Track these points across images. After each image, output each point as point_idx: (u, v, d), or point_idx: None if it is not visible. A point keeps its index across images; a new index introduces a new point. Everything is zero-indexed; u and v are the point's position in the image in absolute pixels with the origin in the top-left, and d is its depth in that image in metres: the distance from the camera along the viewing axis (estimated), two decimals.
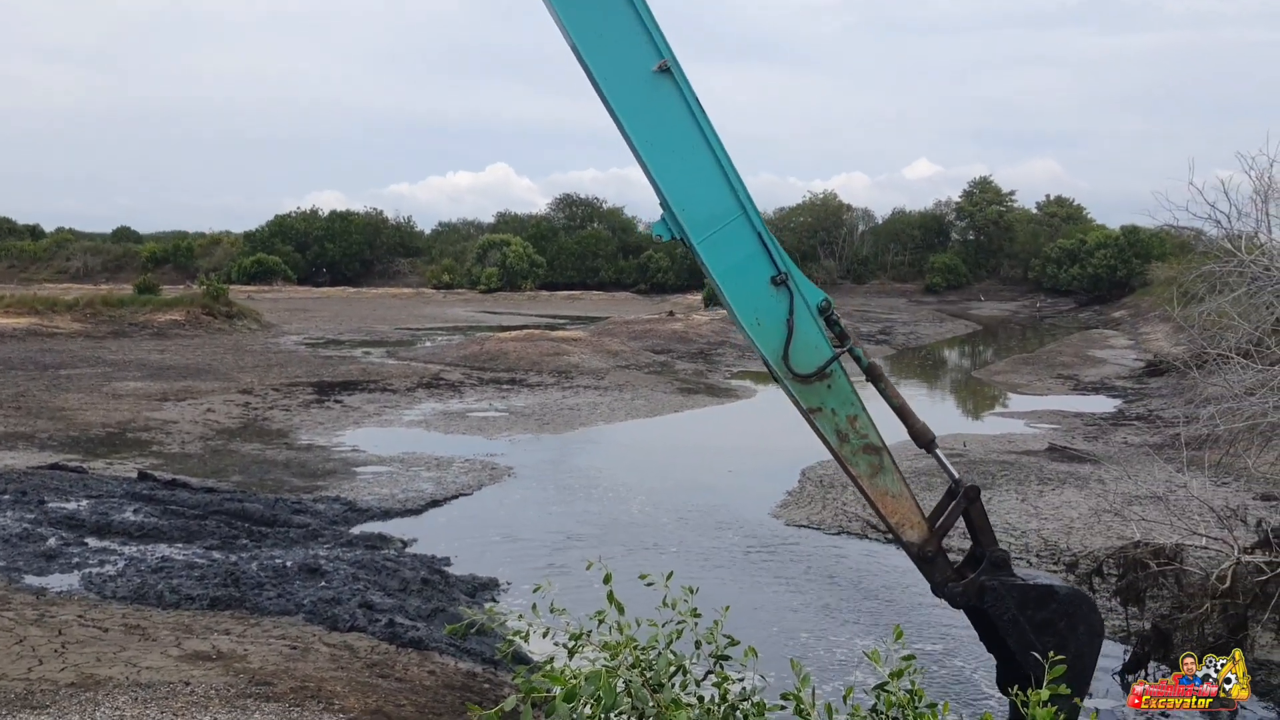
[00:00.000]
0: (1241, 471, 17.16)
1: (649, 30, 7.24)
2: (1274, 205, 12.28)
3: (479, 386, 33.60)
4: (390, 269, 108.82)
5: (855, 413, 7.79)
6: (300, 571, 12.92)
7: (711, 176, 7.52)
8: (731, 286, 7.63)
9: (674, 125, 7.41)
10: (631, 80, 7.32)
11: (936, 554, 8.04)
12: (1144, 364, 40.49)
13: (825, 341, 7.72)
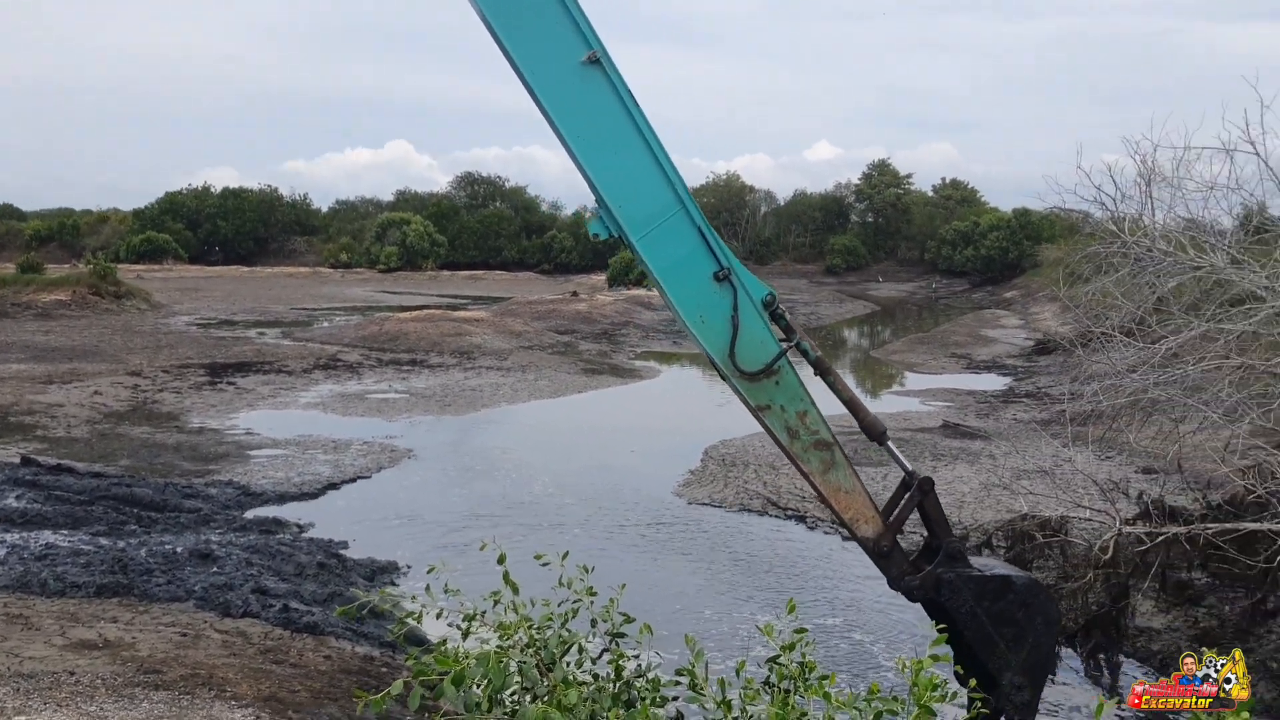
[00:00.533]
0: (1124, 446, 17.80)
1: (575, 20, 6.91)
2: (1157, 188, 12.69)
3: (378, 368, 33.09)
4: (286, 248, 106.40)
5: (805, 408, 7.61)
6: (191, 557, 12.59)
7: (647, 171, 7.23)
8: (673, 284, 7.37)
9: (606, 119, 7.09)
10: (559, 73, 6.98)
11: (892, 548, 7.90)
12: (1033, 343, 41.74)
13: (771, 337, 7.52)
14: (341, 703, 8.43)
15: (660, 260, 7.35)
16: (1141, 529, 10.49)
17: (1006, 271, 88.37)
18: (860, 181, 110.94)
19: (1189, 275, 11.51)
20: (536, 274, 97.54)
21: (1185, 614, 11.35)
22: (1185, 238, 11.97)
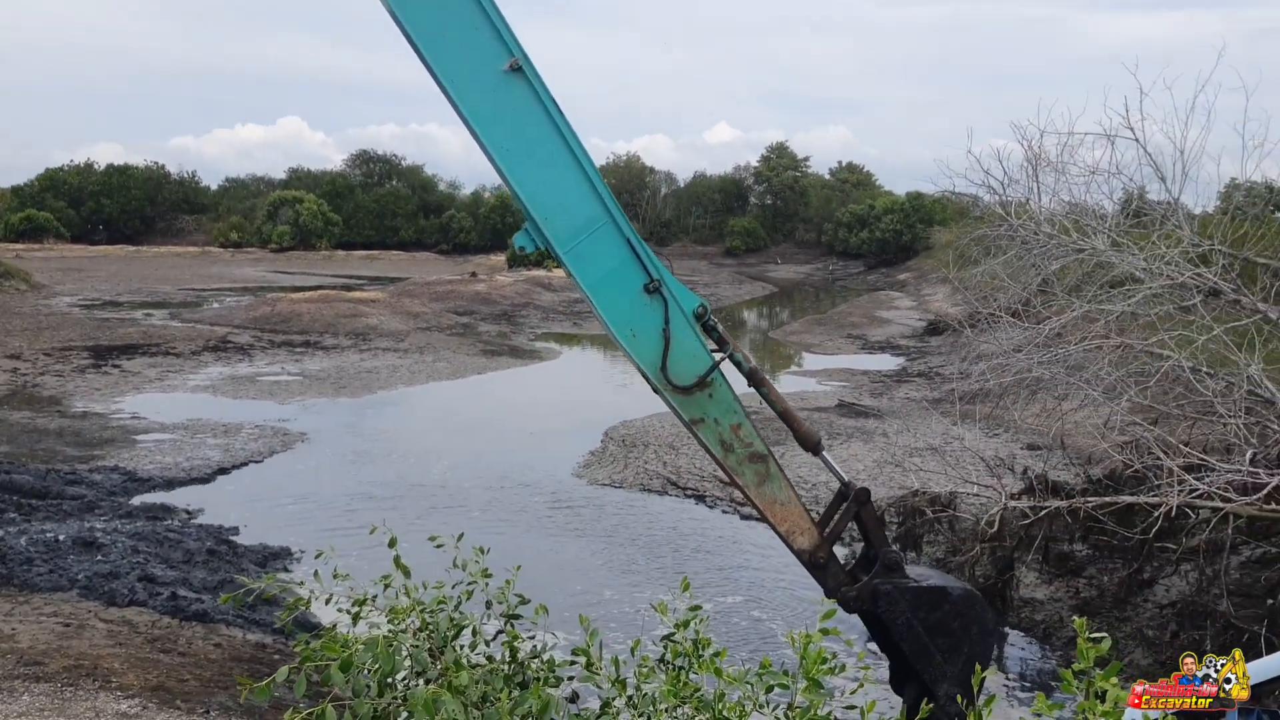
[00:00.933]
0: (1010, 423, 18.34)
1: (496, 25, 6.65)
2: (1043, 173, 13.06)
3: (270, 350, 32.35)
4: (174, 227, 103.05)
5: (739, 421, 7.51)
6: (74, 545, 12.16)
7: (574, 182, 7.00)
8: (602, 298, 7.18)
9: (530, 128, 6.84)
10: (480, 82, 6.72)
11: (828, 560, 7.83)
12: (925, 324, 42.71)
13: (704, 349, 7.39)
14: (232, 691, 8.25)
15: (589, 274, 7.13)
16: (1026, 503, 10.83)
17: (900, 254, 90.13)
18: (759, 164, 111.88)
19: (1072, 258, 11.89)
20: (435, 254, 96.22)
21: (1067, 585, 11.77)
22: (1069, 221, 12.34)
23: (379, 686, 3.09)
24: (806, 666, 3.06)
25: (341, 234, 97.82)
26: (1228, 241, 11.29)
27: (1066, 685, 2.74)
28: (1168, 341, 10.56)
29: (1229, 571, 9.63)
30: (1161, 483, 9.26)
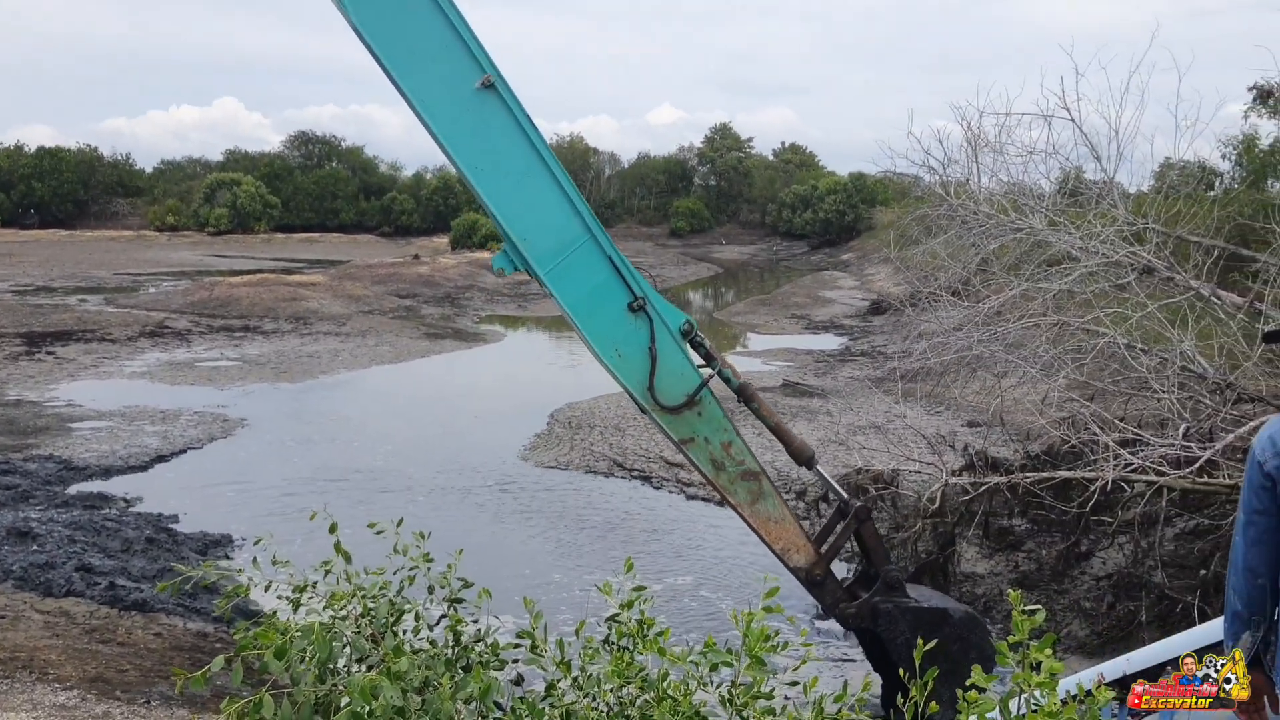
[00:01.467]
0: (951, 401, 18.60)
1: (466, 42, 6.45)
2: (982, 154, 13.22)
3: (208, 335, 31.84)
4: (108, 210, 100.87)
5: (729, 438, 7.37)
6: (9, 536, 11.90)
7: (551, 200, 6.81)
8: (585, 318, 7.00)
9: (504, 147, 6.65)
10: (453, 101, 6.51)
11: (825, 576, 7.70)
12: (868, 304, 43.12)
13: (692, 367, 7.22)
14: (173, 680, 8.13)
15: (571, 294, 6.95)
16: (966, 479, 10.99)
17: (843, 234, 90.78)
18: (703, 145, 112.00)
19: (1010, 237, 12.06)
20: (376, 237, 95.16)
21: (1007, 559, 11.96)
22: (1007, 201, 12.52)
23: (319, 674, 3.05)
24: (750, 644, 3.08)
25: (280, 217, 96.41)
26: (1161, 220, 11.51)
27: (1002, 658, 2.78)
28: (1103, 319, 10.75)
29: (1163, 543, 9.85)
30: (1098, 457, 9.44)
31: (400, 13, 6.41)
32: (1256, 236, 12.67)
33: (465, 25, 6.51)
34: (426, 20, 6.43)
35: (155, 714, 7.39)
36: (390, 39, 6.43)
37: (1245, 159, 25.54)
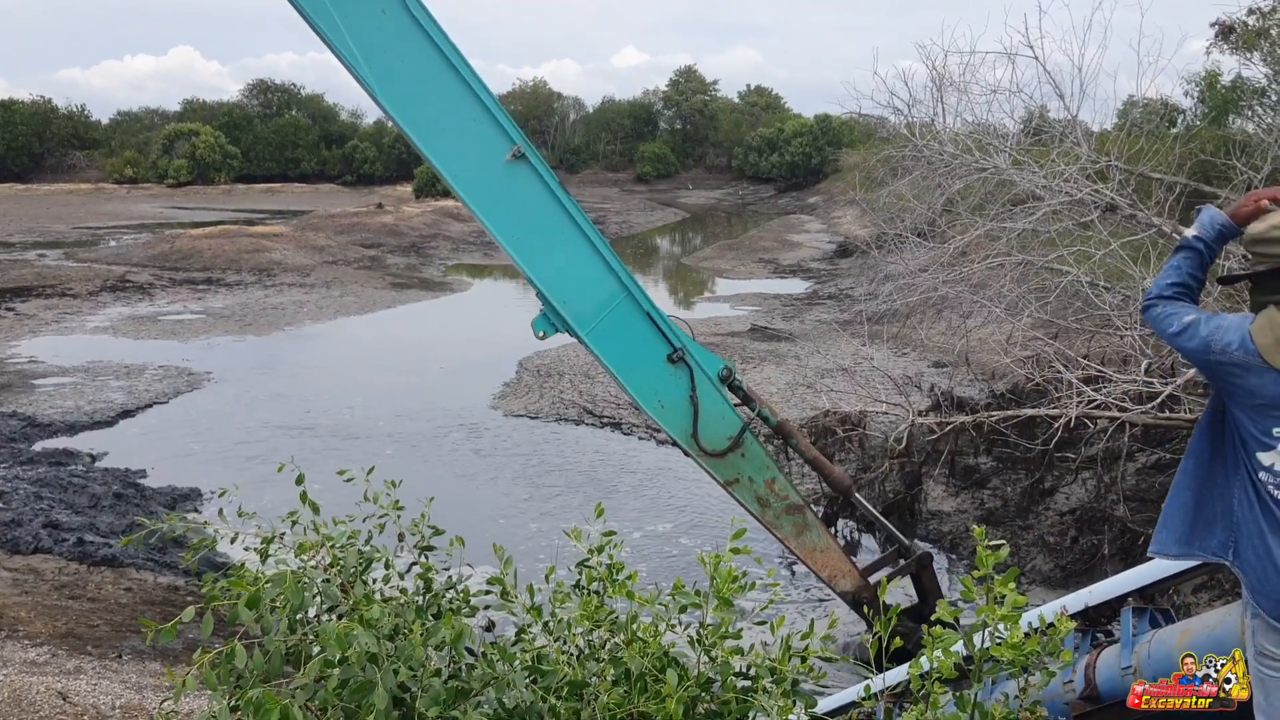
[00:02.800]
0: (917, 342, 18.72)
1: (496, 117, 6.55)
2: (947, 94, 13.17)
3: (171, 288, 31.46)
4: (64, 163, 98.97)
5: (773, 476, 7.45)
6: None
7: (587, 262, 6.86)
8: (628, 373, 7.07)
9: (538, 214, 6.72)
10: (486, 174, 6.61)
11: (872, 600, 7.75)
12: (835, 246, 43.18)
13: (733, 411, 7.29)
14: (144, 634, 8.14)
15: (612, 351, 7.04)
16: (933, 419, 11.08)
17: (810, 177, 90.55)
18: (668, 88, 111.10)
19: (975, 177, 12.05)
20: (338, 186, 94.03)
21: (972, 496, 12.13)
22: (972, 141, 12.50)
23: (289, 623, 3.05)
24: (718, 586, 3.10)
25: (241, 167, 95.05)
26: (1124, 158, 11.55)
27: (966, 592, 2.82)
28: (1067, 257, 10.81)
29: (1125, 478, 10.01)
30: (1061, 395, 9.55)
31: (430, 92, 6.46)
32: (1218, 173, 12.75)
33: (493, 99, 6.58)
34: (456, 98, 6.49)
35: (127, 668, 7.40)
36: (421, 118, 6.50)
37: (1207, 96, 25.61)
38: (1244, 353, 3.25)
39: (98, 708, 5.96)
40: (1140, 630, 4.36)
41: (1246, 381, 3.25)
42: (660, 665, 3.01)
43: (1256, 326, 3.28)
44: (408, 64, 6.36)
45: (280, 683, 2.90)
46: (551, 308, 6.92)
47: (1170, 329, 3.52)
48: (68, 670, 7.10)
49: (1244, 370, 3.25)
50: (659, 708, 2.90)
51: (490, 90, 6.60)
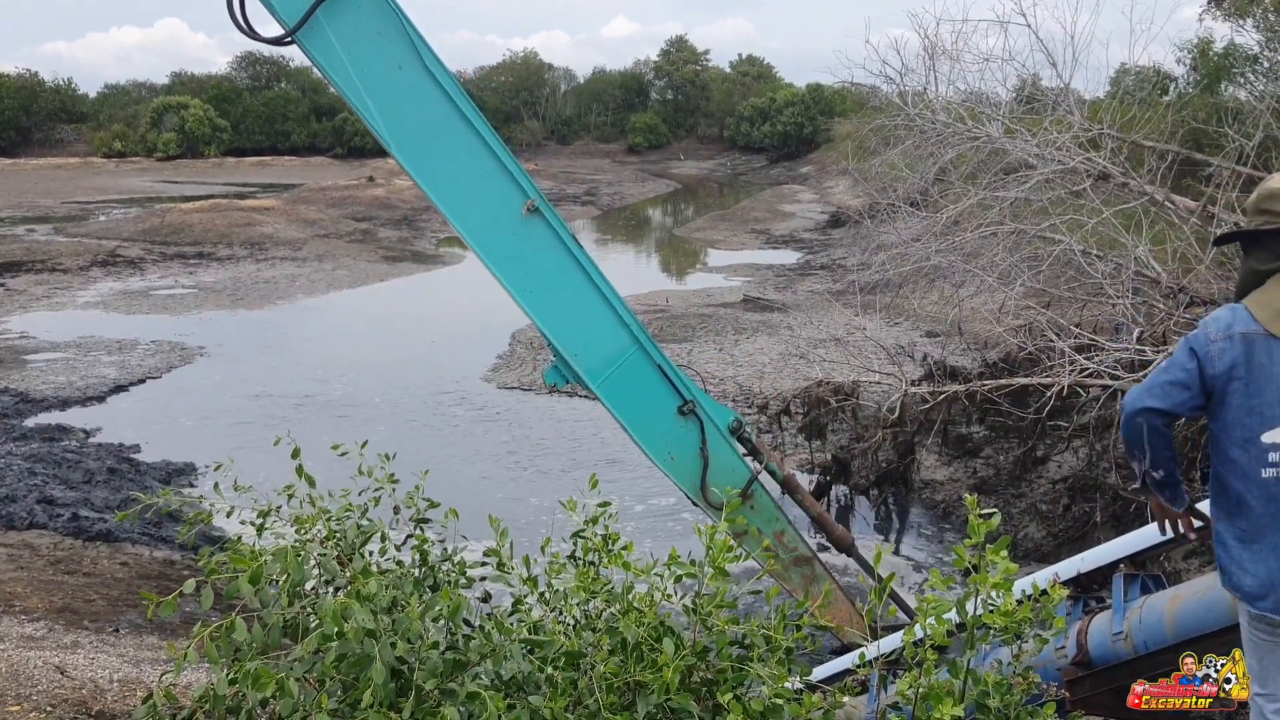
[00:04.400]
0: (910, 312, 18.75)
1: (510, 171, 6.51)
2: (939, 62, 13.13)
3: (162, 262, 31.34)
4: (52, 137, 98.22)
5: (781, 528, 7.41)
6: None
7: (599, 314, 6.85)
8: (638, 426, 7.04)
9: (551, 267, 6.70)
10: (501, 229, 6.59)
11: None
12: (827, 216, 43.09)
13: (742, 463, 7.25)
14: (141, 608, 8.15)
15: (622, 403, 7.01)
16: (925, 389, 11.12)
17: (802, 147, 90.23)
18: (659, 58, 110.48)
19: (967, 145, 12.05)
20: (329, 159, 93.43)
21: (965, 465, 12.18)
22: (964, 109, 12.48)
23: (288, 597, 3.07)
24: (713, 555, 3.12)
25: (230, 140, 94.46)
26: (1116, 126, 11.54)
27: (959, 560, 2.84)
28: (1059, 226, 10.82)
29: (1117, 446, 10.05)
30: (1054, 363, 9.57)
31: (445, 147, 6.44)
32: (1210, 140, 12.74)
33: (507, 153, 6.54)
34: (471, 153, 6.45)
35: (124, 642, 7.43)
36: (436, 173, 6.48)
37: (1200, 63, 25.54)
38: (1244, 326, 3.23)
39: (96, 681, 5.98)
40: (1132, 596, 4.40)
41: (1254, 355, 3.20)
42: (656, 635, 3.03)
43: (1253, 302, 3.26)
44: (423, 119, 6.35)
45: (277, 655, 2.92)
46: (563, 360, 6.94)
47: (1159, 375, 3.38)
48: (65, 645, 7.12)
49: (1247, 345, 3.21)
50: (655, 677, 2.92)
51: (504, 143, 6.59)
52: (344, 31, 6.06)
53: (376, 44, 6.14)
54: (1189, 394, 3.27)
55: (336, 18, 6.03)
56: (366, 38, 6.11)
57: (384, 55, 6.18)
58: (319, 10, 5.97)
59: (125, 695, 5.84)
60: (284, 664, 2.83)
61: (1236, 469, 3.28)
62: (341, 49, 6.08)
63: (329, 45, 6.06)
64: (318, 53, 6.09)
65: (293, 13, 6.00)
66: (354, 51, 6.11)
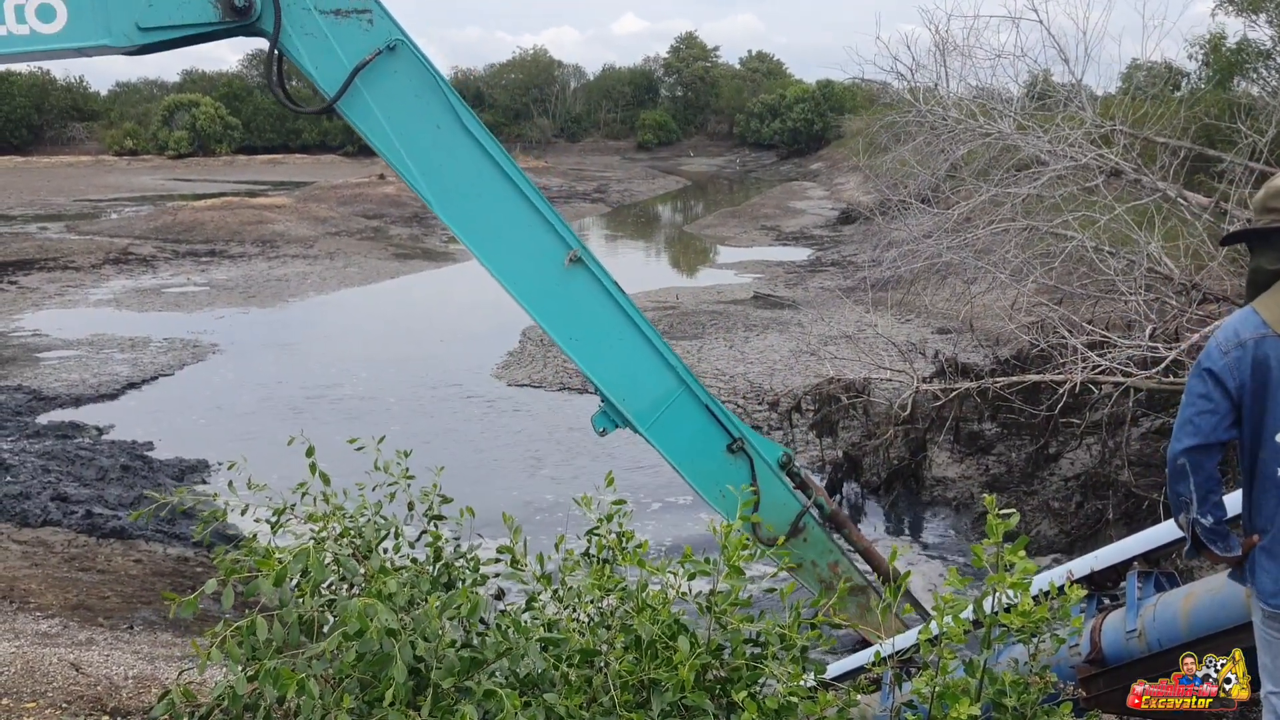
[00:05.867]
0: (921, 309, 18.71)
1: (552, 224, 6.57)
2: (950, 58, 13.10)
3: (174, 260, 31.44)
4: (64, 135, 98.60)
5: (835, 559, 7.43)
6: None
7: (645, 359, 6.92)
8: (689, 466, 7.09)
9: (596, 315, 6.80)
10: (545, 281, 6.68)
11: None
12: (838, 213, 43.00)
13: (793, 496, 7.29)
14: (155, 605, 8.20)
15: (672, 444, 7.07)
16: (937, 386, 11.10)
17: (812, 143, 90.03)
18: (668, 55, 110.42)
19: (979, 142, 12.01)
20: (340, 156, 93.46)
21: (977, 462, 12.15)
22: (976, 105, 12.44)
23: (308, 595, 3.08)
24: (728, 554, 3.13)
25: (241, 138, 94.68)
26: (1129, 122, 11.50)
27: (977, 560, 2.84)
28: (1071, 222, 10.78)
29: (1129, 443, 10.03)
30: (1066, 360, 9.55)
31: (487, 204, 6.51)
32: (1222, 137, 12.70)
33: (547, 205, 6.60)
34: (513, 208, 6.52)
35: (139, 639, 7.46)
36: (480, 230, 6.57)
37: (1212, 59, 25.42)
38: (1252, 331, 3.20)
39: (111, 678, 6.01)
40: (1145, 594, 4.38)
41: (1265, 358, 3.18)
42: (671, 633, 3.04)
43: (1261, 304, 3.24)
44: (463, 176, 6.44)
45: (296, 653, 2.93)
46: (611, 405, 6.97)
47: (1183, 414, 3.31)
48: (79, 642, 7.16)
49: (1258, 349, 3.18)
50: (670, 675, 2.93)
51: (544, 196, 6.65)
52: (382, 97, 6.21)
53: (414, 106, 6.27)
54: (1218, 416, 3.22)
55: (374, 85, 6.18)
56: (404, 101, 6.26)
57: (422, 117, 6.32)
58: (357, 78, 6.11)
59: (140, 692, 5.87)
60: (302, 662, 2.84)
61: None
62: (381, 113, 6.22)
63: (369, 111, 6.22)
64: (358, 119, 6.24)
65: (332, 82, 6.15)
66: (393, 115, 6.25)
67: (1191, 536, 3.37)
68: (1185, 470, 3.25)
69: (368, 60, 6.12)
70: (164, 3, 5.88)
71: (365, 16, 6.16)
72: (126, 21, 5.84)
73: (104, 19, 5.86)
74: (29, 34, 5.83)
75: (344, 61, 6.13)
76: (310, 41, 6.17)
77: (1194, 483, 3.25)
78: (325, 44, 6.16)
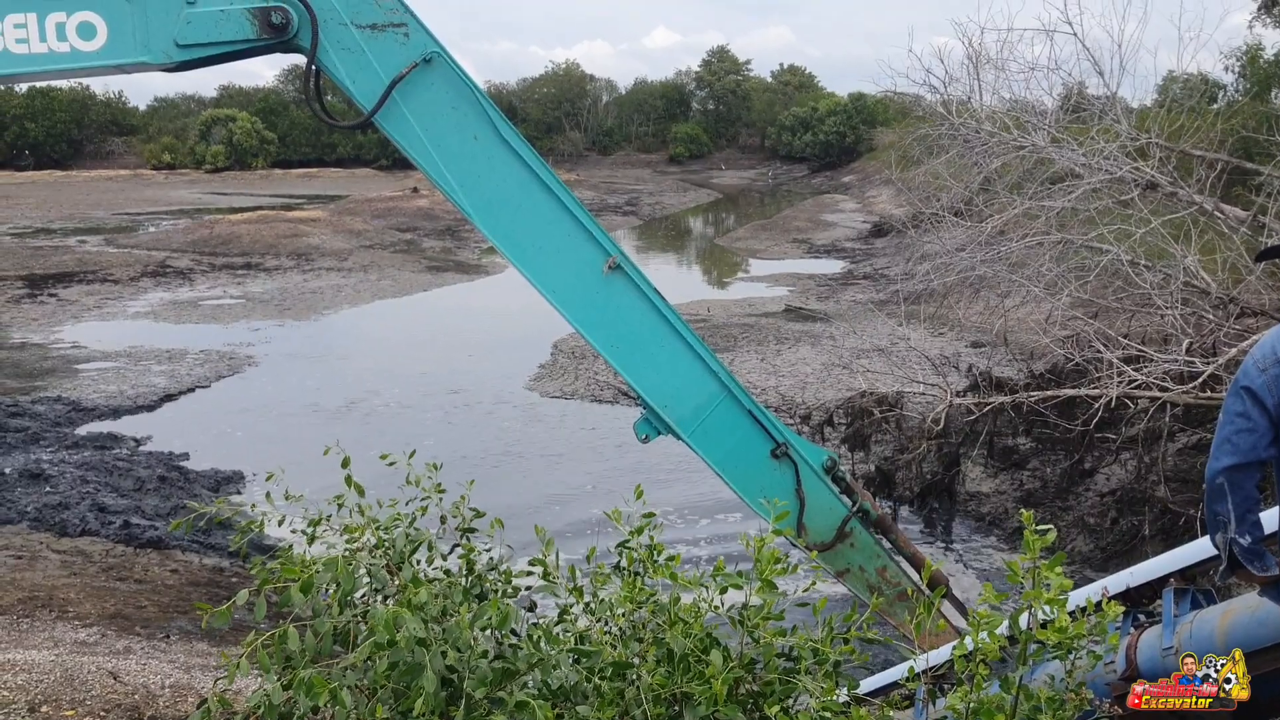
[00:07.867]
0: (954, 322, 18.59)
1: (590, 232, 6.55)
2: (983, 71, 13.04)
3: (211, 273, 31.79)
4: (103, 149, 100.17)
5: (884, 564, 7.33)
6: (21, 478, 12.05)
7: (686, 365, 6.86)
8: (733, 472, 7.02)
9: (636, 321, 6.75)
10: (586, 289, 6.64)
11: None
12: (870, 226, 42.85)
13: (839, 501, 7.19)
14: (191, 615, 8.27)
15: (715, 451, 6.99)
16: (971, 400, 11.03)
17: (844, 156, 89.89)
18: (700, 69, 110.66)
19: (1013, 155, 11.94)
20: (374, 170, 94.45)
21: (1011, 477, 12.06)
22: (1009, 118, 12.38)
23: (339, 606, 3.11)
24: (761, 567, 3.12)
25: (277, 152, 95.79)
26: (1164, 134, 11.40)
27: (1012, 575, 2.82)
28: (1107, 236, 10.70)
29: (1166, 459, 9.92)
30: (1101, 375, 9.47)
31: (526, 213, 6.50)
32: (1260, 149, 12.56)
33: (585, 212, 6.58)
34: (551, 217, 6.51)
35: (175, 648, 7.53)
36: (521, 240, 6.53)
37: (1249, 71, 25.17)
38: None
39: (148, 687, 6.07)
40: (1182, 611, 4.34)
41: None
42: (703, 646, 3.03)
43: None
44: (501, 187, 6.44)
45: (329, 663, 2.96)
46: (654, 412, 6.90)
47: (1220, 433, 3.29)
48: (117, 650, 7.24)
49: None
50: (702, 688, 2.92)
51: (581, 204, 6.65)
52: (419, 109, 6.22)
53: (451, 118, 6.23)
54: (1257, 435, 3.19)
55: (411, 97, 6.19)
56: (441, 113, 6.20)
57: (459, 128, 6.27)
58: (394, 91, 6.15)
59: (177, 701, 5.93)
60: (336, 672, 2.87)
61: None
62: (418, 126, 6.23)
63: (406, 124, 6.23)
64: (395, 132, 6.27)
65: (370, 96, 6.19)
66: (430, 127, 6.26)
67: (1228, 556, 3.34)
68: (1224, 490, 3.22)
69: (404, 73, 6.16)
70: (202, 21, 5.94)
71: (401, 30, 6.21)
72: (165, 39, 5.90)
73: (143, 37, 5.92)
74: (69, 51, 5.90)
75: (381, 75, 6.18)
76: (347, 56, 6.22)
77: (1232, 502, 3.22)
78: (362, 58, 6.21)
